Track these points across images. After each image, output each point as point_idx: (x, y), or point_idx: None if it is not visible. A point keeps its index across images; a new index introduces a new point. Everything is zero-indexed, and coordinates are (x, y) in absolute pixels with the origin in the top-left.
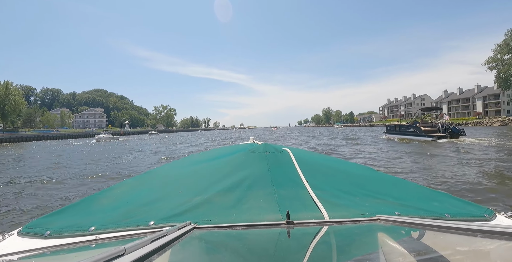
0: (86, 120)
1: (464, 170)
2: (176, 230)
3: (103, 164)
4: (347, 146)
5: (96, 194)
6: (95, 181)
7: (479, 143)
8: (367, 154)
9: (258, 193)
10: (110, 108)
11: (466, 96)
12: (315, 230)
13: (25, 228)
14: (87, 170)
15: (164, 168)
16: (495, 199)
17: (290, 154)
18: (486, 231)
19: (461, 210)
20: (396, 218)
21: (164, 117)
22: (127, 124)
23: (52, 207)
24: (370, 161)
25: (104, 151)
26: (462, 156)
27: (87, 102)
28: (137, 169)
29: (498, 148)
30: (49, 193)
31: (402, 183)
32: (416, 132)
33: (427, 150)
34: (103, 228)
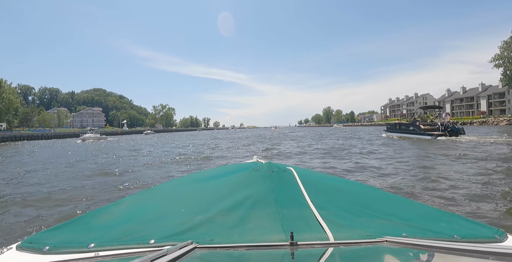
0: (84, 120)
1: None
2: (177, 249)
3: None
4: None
5: (97, 210)
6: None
7: (477, 141)
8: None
9: (261, 212)
10: (109, 108)
11: (470, 95)
12: (320, 251)
13: (24, 242)
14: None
15: (167, 185)
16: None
17: (294, 173)
18: (498, 253)
19: (471, 231)
20: (403, 240)
21: (163, 117)
22: (125, 123)
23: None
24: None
25: (74, 154)
26: (453, 152)
27: (85, 102)
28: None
29: (496, 145)
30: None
31: (408, 203)
32: (416, 130)
33: (423, 145)
34: (102, 245)
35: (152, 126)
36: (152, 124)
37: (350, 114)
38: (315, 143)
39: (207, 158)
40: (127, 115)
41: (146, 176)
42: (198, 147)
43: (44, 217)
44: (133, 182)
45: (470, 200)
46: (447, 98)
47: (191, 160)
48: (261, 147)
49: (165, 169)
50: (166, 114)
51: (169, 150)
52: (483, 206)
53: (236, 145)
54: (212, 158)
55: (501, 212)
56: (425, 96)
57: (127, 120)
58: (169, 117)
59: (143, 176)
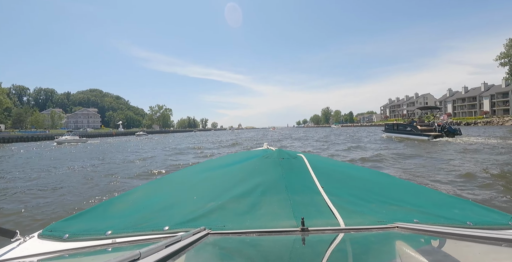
0: (79, 121)
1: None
2: (191, 235)
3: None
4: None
5: (113, 199)
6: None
7: (474, 141)
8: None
9: (272, 199)
10: (105, 109)
11: (472, 95)
12: (331, 237)
13: (45, 230)
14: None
15: (179, 173)
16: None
17: (304, 159)
18: (511, 240)
19: (484, 217)
20: (414, 226)
21: (159, 118)
22: (120, 124)
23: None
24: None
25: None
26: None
27: (81, 103)
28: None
29: (490, 146)
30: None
31: (420, 189)
32: (413, 131)
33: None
34: (119, 232)
35: (149, 127)
36: (149, 125)
37: (349, 114)
38: (325, 146)
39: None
40: (123, 116)
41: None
42: (178, 157)
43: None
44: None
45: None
46: (449, 98)
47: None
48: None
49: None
50: (163, 115)
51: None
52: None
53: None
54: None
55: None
56: (426, 96)
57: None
58: (166, 118)
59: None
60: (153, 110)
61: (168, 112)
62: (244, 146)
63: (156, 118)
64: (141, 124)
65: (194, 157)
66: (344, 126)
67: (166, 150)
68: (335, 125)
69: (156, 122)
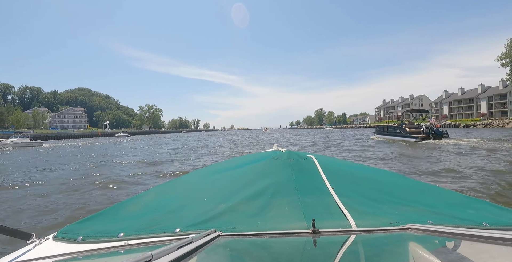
0: (64, 121)
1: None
2: (202, 237)
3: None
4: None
5: (125, 201)
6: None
7: (457, 143)
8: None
9: (282, 200)
10: (94, 108)
11: (469, 97)
12: (342, 239)
13: (59, 233)
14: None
15: (189, 176)
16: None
17: (314, 160)
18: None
19: (501, 218)
20: (428, 227)
21: (149, 118)
22: (107, 125)
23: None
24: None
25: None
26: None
27: (69, 102)
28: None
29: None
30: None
31: (434, 190)
32: (402, 133)
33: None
34: (131, 234)
35: (138, 128)
36: (139, 126)
37: (342, 116)
38: (324, 149)
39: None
40: (112, 116)
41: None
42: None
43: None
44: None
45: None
46: (445, 100)
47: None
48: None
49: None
50: (153, 115)
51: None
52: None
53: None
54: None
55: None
56: (421, 98)
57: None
58: (156, 118)
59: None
60: (143, 110)
61: (158, 112)
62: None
63: (146, 118)
64: (131, 124)
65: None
66: (338, 128)
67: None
68: (327, 127)
69: (146, 123)
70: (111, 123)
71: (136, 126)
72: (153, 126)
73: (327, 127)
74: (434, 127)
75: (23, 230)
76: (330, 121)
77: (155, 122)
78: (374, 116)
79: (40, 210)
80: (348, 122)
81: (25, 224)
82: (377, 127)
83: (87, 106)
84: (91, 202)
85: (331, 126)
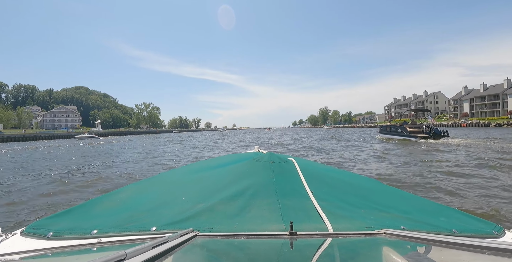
0: (56, 120)
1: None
2: (178, 236)
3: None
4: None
5: (100, 197)
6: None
7: (453, 142)
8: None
9: (261, 202)
10: (90, 107)
11: (493, 93)
12: (319, 242)
13: (28, 228)
14: None
15: (168, 174)
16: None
17: (295, 164)
18: (495, 248)
19: (469, 225)
20: (402, 233)
21: (146, 117)
22: (98, 124)
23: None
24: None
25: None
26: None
27: (64, 100)
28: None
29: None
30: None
31: (408, 197)
32: (403, 132)
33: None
34: (105, 231)
35: (136, 127)
36: (136, 125)
37: (347, 115)
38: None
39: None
40: (109, 115)
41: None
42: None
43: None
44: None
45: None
46: (465, 96)
47: None
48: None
49: None
50: (150, 114)
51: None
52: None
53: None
54: None
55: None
56: (436, 95)
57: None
58: (153, 117)
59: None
60: (139, 108)
61: (156, 111)
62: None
63: (143, 117)
64: (129, 124)
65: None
66: (344, 127)
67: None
68: (327, 126)
69: (143, 122)
70: (108, 123)
71: (133, 126)
72: (151, 125)
73: (327, 126)
74: (434, 127)
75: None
76: (335, 120)
77: (153, 122)
78: (383, 115)
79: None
80: (354, 122)
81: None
82: (381, 127)
83: (84, 105)
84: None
85: (330, 125)
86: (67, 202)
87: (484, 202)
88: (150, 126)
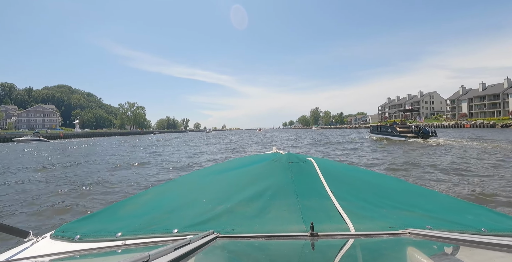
0: (32, 119)
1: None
2: (199, 238)
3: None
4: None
5: (124, 201)
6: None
7: (437, 142)
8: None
9: (281, 203)
10: (73, 107)
11: (493, 92)
12: (340, 242)
13: (57, 231)
14: None
15: (188, 176)
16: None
17: (314, 163)
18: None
19: (500, 224)
20: (427, 232)
21: (130, 117)
22: (77, 124)
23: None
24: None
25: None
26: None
27: (45, 99)
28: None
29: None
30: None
31: (432, 194)
32: (393, 132)
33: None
34: (129, 234)
35: (121, 128)
36: (122, 126)
37: (339, 116)
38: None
39: None
40: (92, 115)
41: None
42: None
43: None
44: None
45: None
46: (463, 96)
47: None
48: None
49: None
50: (135, 113)
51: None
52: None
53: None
54: None
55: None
56: (432, 95)
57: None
58: (138, 117)
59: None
60: (123, 108)
61: (141, 110)
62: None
63: (127, 117)
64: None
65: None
66: (338, 128)
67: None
68: (316, 127)
69: (127, 122)
70: (91, 123)
71: (118, 126)
72: (138, 126)
73: (315, 127)
74: (423, 127)
75: (21, 228)
76: (326, 121)
77: (137, 121)
78: (377, 115)
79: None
80: (346, 122)
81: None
82: (371, 127)
83: (65, 105)
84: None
85: (319, 126)
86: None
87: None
88: (137, 127)
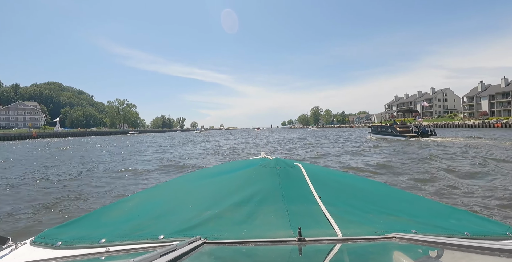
0: (12, 117)
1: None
2: (186, 244)
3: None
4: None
5: (108, 206)
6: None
7: (435, 140)
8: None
9: (269, 208)
10: (62, 104)
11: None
12: (328, 247)
13: (37, 237)
14: None
15: (175, 181)
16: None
17: (302, 169)
18: (510, 250)
19: (482, 227)
20: (412, 236)
21: (120, 115)
22: (57, 122)
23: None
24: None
25: None
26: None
27: (32, 97)
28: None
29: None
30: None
31: (417, 199)
32: (393, 132)
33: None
34: (113, 240)
35: (112, 126)
36: (113, 124)
37: (340, 115)
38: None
39: None
40: (81, 113)
41: None
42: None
43: None
44: None
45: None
46: (483, 93)
47: None
48: None
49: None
50: (125, 111)
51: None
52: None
53: None
54: None
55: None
56: (445, 92)
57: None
58: (128, 116)
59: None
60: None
61: (132, 108)
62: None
63: (116, 115)
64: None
65: None
66: (341, 127)
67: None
68: (312, 126)
69: (117, 121)
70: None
71: (109, 125)
72: (129, 125)
73: (311, 127)
74: (422, 127)
75: (0, 234)
76: (327, 120)
77: (127, 120)
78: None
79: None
80: (347, 122)
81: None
82: (372, 127)
83: (54, 102)
84: None
85: (315, 126)
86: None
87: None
88: (129, 125)
